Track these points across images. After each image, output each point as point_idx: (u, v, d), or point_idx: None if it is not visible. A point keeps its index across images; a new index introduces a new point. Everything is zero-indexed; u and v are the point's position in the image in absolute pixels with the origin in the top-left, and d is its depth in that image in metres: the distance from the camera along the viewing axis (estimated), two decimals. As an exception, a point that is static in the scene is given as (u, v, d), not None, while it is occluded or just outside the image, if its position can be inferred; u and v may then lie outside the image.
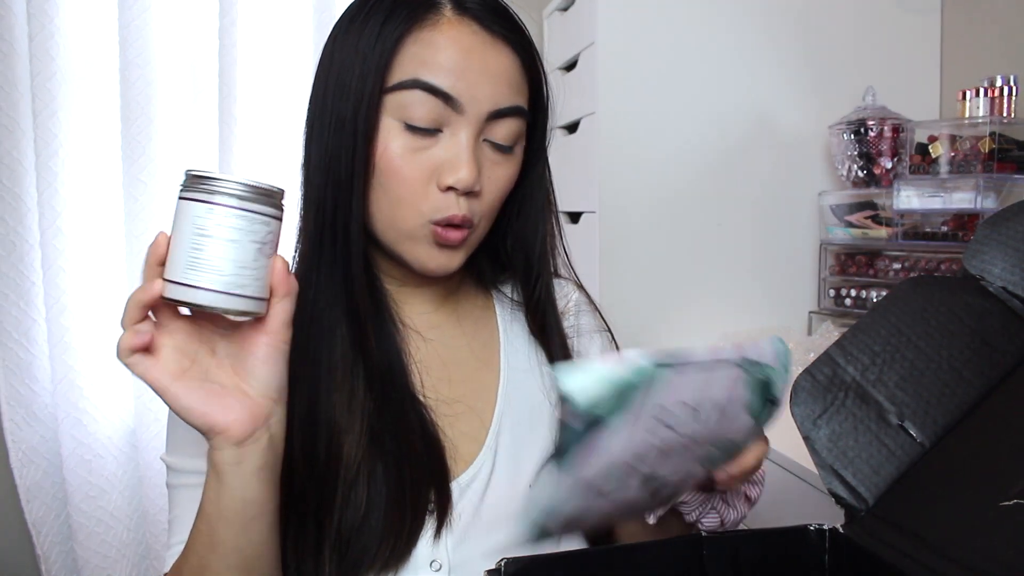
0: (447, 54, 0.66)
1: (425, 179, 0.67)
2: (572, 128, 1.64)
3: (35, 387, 1.61)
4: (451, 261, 0.71)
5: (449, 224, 0.68)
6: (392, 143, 0.67)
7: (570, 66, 1.65)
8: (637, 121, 1.47)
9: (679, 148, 1.49)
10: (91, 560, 1.63)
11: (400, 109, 0.66)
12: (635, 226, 1.48)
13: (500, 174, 0.70)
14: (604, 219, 1.48)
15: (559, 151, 1.74)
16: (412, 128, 0.67)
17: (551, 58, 1.79)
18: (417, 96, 0.66)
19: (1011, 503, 0.53)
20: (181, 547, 0.66)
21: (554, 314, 0.79)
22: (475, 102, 0.67)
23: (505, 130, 0.69)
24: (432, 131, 0.67)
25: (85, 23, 1.58)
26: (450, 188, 0.67)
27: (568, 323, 0.83)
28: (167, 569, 0.68)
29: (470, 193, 0.68)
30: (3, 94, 1.53)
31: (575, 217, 1.64)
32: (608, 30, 1.46)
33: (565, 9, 1.68)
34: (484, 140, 0.69)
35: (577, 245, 1.59)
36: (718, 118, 1.49)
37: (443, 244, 0.69)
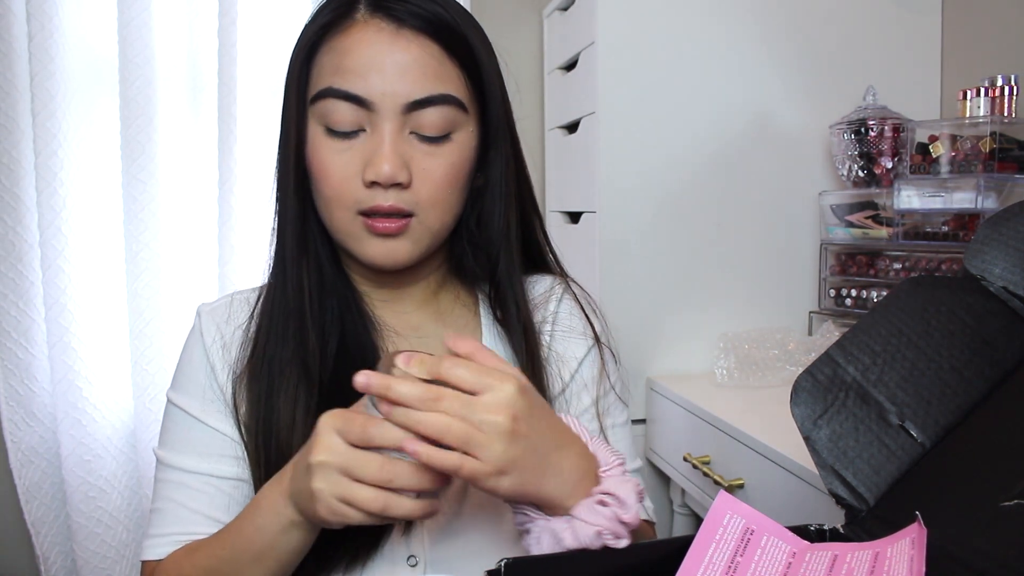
0: (354, 57, 0.69)
1: (351, 177, 0.70)
2: (572, 128, 1.63)
3: (34, 387, 1.61)
4: (395, 251, 0.72)
5: (376, 213, 0.70)
6: (319, 148, 0.71)
7: (570, 66, 1.64)
8: (637, 121, 1.47)
9: (679, 148, 1.48)
10: (91, 560, 1.63)
11: (322, 116, 0.70)
12: (635, 226, 1.48)
13: (434, 164, 0.71)
14: (604, 219, 1.48)
15: (559, 151, 1.75)
16: (332, 132, 0.70)
17: (551, 58, 1.79)
18: (332, 104, 0.69)
19: (1011, 503, 0.53)
20: (161, 539, 0.72)
21: (515, 302, 0.78)
22: (387, 98, 0.68)
23: (431, 119, 0.70)
24: (353, 132, 0.70)
25: (85, 23, 1.58)
26: (374, 183, 0.69)
27: (540, 316, 0.81)
28: (145, 557, 0.73)
29: (399, 185, 0.69)
30: (3, 94, 1.53)
31: (575, 217, 1.64)
32: (608, 30, 1.45)
33: (565, 9, 1.67)
34: (412, 133, 0.70)
35: (577, 245, 1.60)
36: (718, 118, 1.49)
37: (379, 233, 0.71)
